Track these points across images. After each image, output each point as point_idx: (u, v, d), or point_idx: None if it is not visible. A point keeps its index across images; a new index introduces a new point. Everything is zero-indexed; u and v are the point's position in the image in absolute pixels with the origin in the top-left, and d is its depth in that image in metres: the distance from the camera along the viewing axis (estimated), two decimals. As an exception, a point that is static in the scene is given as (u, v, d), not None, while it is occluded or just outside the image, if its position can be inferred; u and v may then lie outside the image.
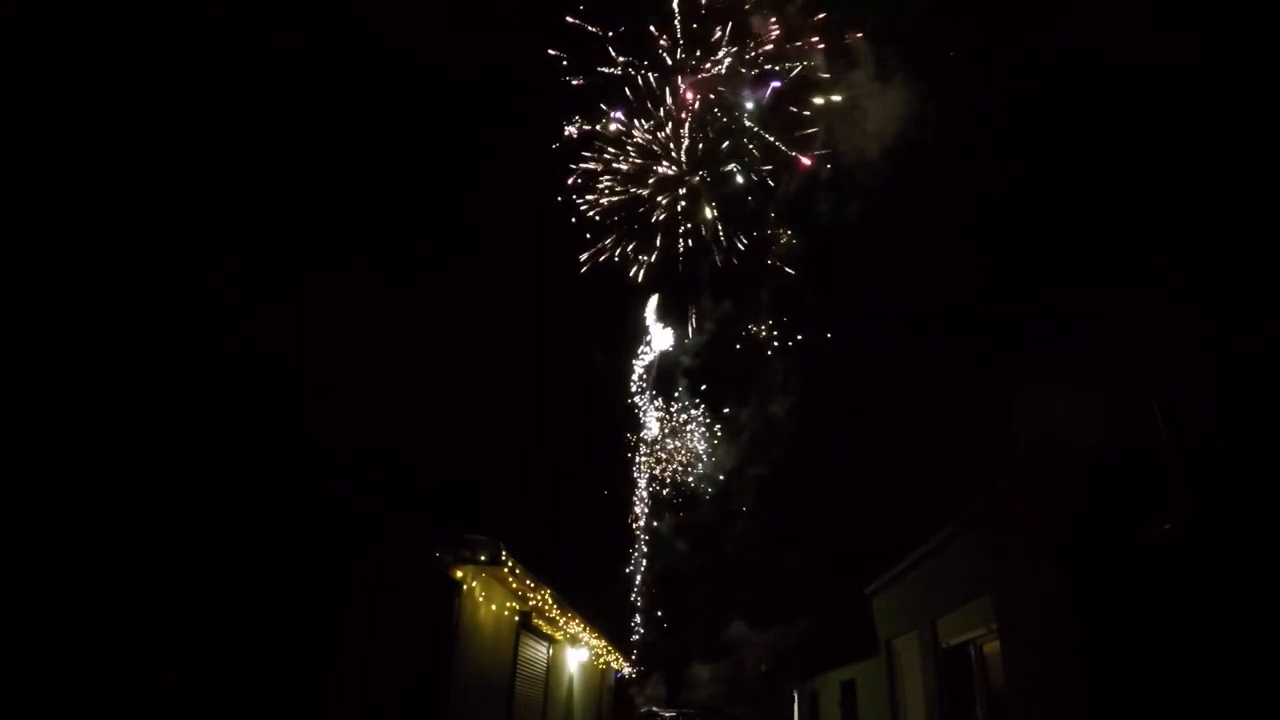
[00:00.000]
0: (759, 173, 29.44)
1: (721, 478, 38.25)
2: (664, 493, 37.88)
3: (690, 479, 38.17)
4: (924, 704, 11.03)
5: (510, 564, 9.35)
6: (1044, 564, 7.36)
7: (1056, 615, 7.09)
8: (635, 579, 37.75)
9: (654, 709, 28.11)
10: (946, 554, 10.38)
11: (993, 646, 9.11)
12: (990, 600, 8.82)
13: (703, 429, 38.60)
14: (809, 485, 35.06)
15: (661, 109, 27.61)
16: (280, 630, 6.22)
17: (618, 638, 21.91)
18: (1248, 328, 6.77)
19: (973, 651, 9.73)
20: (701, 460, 38.06)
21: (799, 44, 26.30)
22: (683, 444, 38.00)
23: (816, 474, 34.41)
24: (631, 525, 37.65)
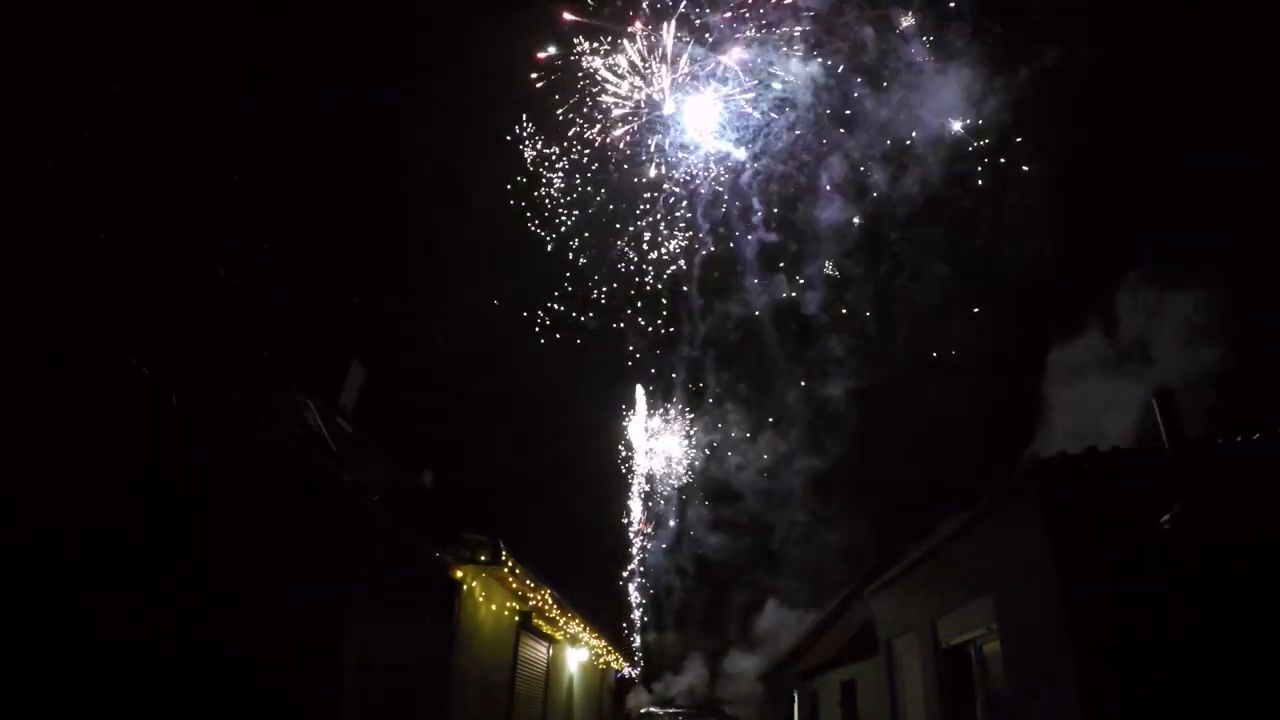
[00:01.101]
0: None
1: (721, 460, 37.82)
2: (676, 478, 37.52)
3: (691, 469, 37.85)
4: (924, 704, 11.02)
5: (510, 564, 9.35)
6: (1044, 564, 7.36)
7: (1056, 615, 7.09)
8: (642, 575, 37.54)
9: (653, 709, 28.05)
10: (946, 554, 10.37)
11: (993, 646, 9.10)
12: (990, 600, 8.82)
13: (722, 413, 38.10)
14: (825, 481, 34.79)
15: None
16: (280, 630, 6.22)
17: (618, 634, 21.82)
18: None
19: (973, 651, 9.72)
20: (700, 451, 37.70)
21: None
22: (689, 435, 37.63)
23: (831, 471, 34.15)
24: (640, 518, 37.44)
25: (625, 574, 36.86)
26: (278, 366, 7.90)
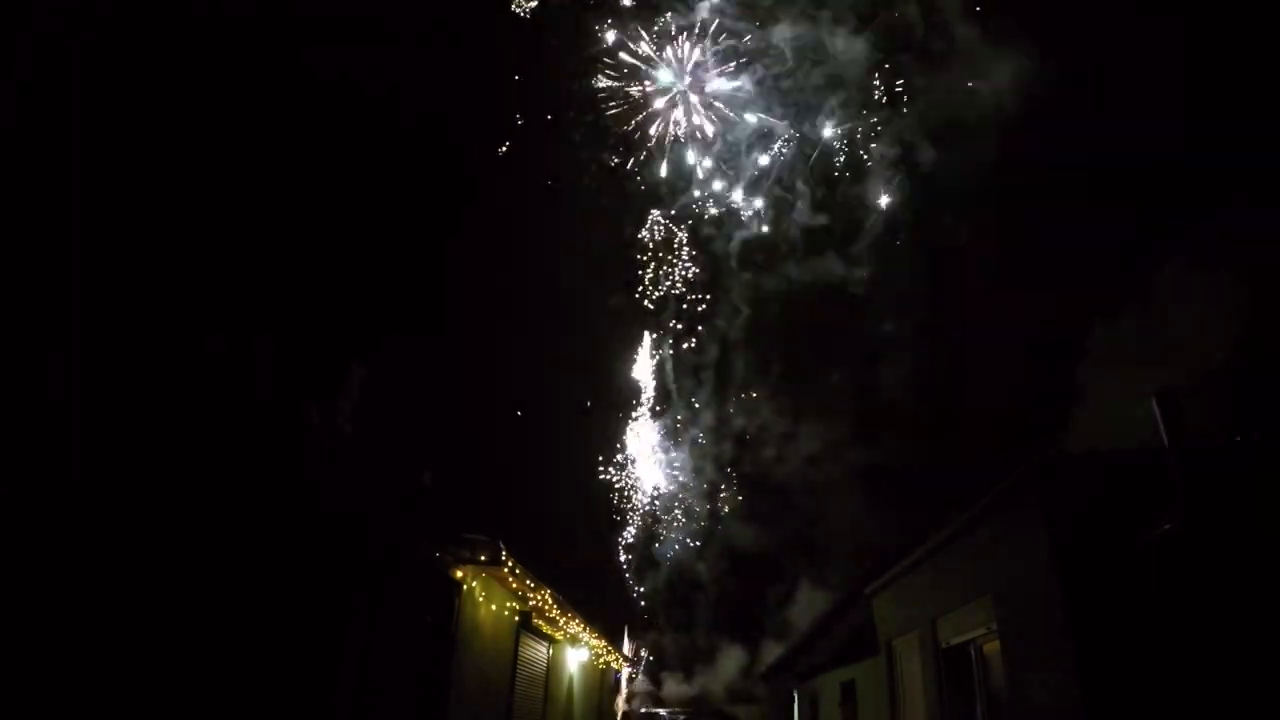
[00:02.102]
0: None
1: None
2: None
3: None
4: (924, 704, 11.02)
5: (510, 564, 9.34)
6: (1044, 564, 7.36)
7: (1056, 615, 7.09)
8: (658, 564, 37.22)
9: (653, 709, 28.08)
10: (946, 554, 10.37)
11: (993, 646, 9.11)
12: (990, 600, 8.82)
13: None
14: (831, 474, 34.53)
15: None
16: (280, 630, 6.22)
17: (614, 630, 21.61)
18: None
19: (973, 651, 9.72)
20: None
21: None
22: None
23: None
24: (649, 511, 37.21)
25: (630, 566, 36.74)
26: (278, 365, 7.90)
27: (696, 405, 36.91)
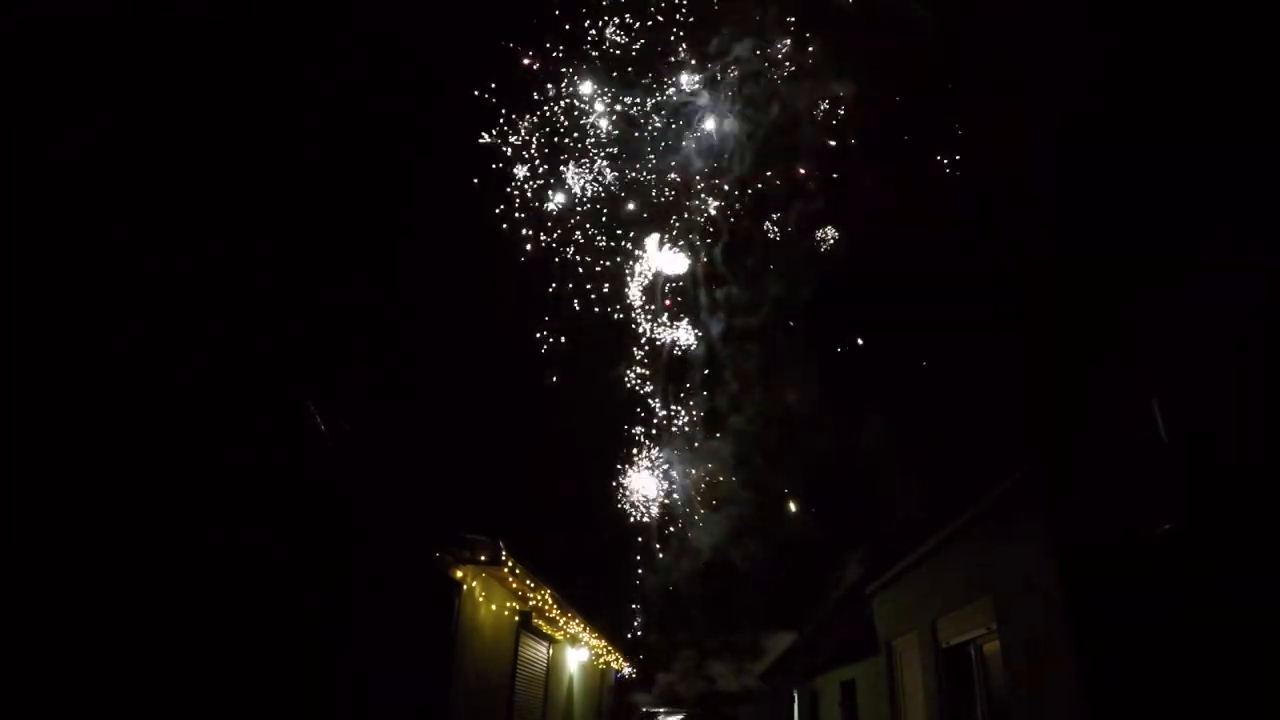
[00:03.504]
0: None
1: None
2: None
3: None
4: (924, 704, 11.03)
5: (510, 564, 9.35)
6: (1044, 564, 7.36)
7: (1057, 615, 7.09)
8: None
9: (653, 709, 28.11)
10: (947, 554, 10.37)
11: (993, 646, 9.11)
12: (990, 600, 8.82)
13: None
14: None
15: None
16: (280, 631, 6.23)
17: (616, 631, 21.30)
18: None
19: (973, 651, 9.72)
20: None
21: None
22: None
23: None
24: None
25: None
26: (279, 366, 7.90)
27: (737, 386, 35.93)
